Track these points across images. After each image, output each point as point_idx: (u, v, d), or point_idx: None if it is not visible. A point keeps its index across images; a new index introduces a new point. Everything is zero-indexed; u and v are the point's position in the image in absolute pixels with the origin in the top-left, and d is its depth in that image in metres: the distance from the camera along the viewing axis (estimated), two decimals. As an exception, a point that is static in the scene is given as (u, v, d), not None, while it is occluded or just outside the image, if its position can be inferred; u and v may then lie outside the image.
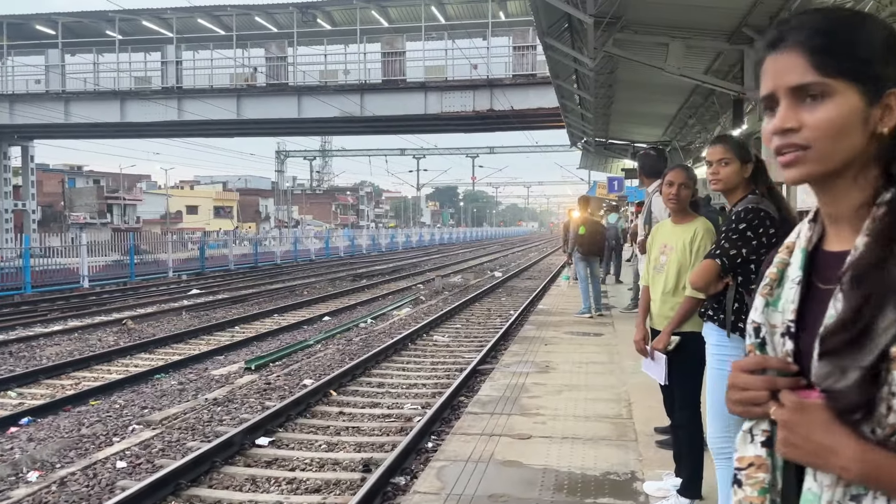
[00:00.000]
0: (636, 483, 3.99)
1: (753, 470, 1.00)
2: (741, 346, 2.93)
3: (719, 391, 2.98)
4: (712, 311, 3.03)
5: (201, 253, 29.77)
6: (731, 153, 3.05)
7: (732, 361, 1.03)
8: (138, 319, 14.80)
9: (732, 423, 2.99)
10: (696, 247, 3.42)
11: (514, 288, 21.70)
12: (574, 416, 5.41)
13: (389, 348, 10.82)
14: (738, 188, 3.07)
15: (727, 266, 2.93)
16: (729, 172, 3.03)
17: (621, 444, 4.66)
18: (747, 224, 2.90)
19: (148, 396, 8.33)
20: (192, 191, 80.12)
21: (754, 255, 2.91)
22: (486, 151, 60.53)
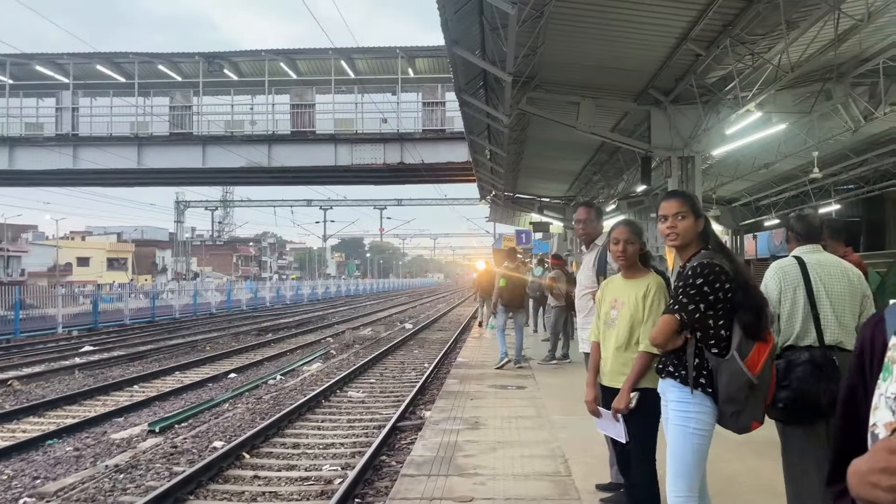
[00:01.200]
0: (588, 545, 3.87)
1: None
2: (704, 402, 2.90)
3: (683, 449, 2.93)
4: (672, 366, 3.00)
5: (94, 307, 28.14)
6: (686, 206, 3.07)
7: (882, 442, 0.91)
8: (25, 380, 13.70)
9: (696, 481, 2.94)
10: (650, 301, 3.40)
11: (426, 340, 21.54)
12: (513, 475, 5.26)
13: (302, 406, 10.42)
14: (691, 244, 3.09)
15: (686, 321, 2.92)
16: (686, 226, 3.05)
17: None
18: (704, 279, 2.90)
19: (40, 465, 7.61)
20: (83, 242, 76.24)
21: (711, 311, 2.91)
22: (395, 203, 60.70)
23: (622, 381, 3.45)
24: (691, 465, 2.91)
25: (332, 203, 60.22)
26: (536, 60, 10.01)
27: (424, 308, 42.52)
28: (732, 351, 2.83)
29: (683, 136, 11.55)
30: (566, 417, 6.88)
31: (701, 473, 2.96)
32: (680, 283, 2.98)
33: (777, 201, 24.09)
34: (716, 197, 22.41)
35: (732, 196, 24.58)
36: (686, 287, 2.92)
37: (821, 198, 21.41)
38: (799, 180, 19.98)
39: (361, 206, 63.18)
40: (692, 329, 2.93)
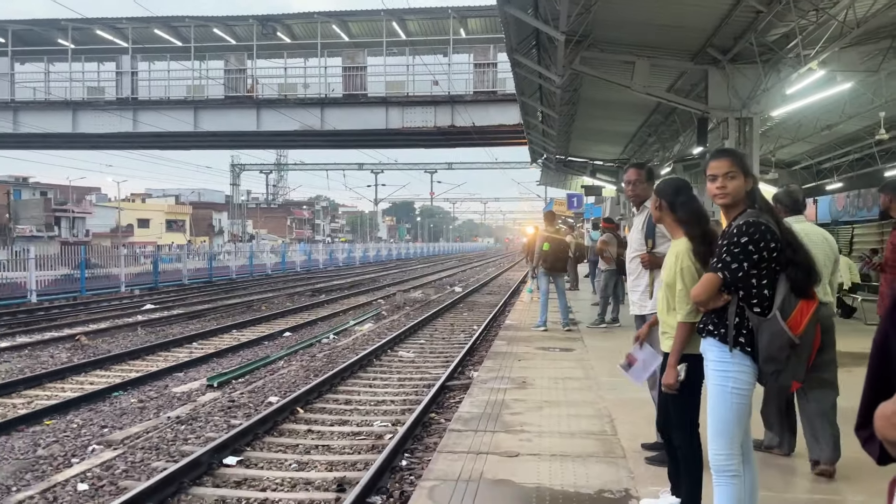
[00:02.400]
0: (631, 501, 3.91)
1: None
2: (744, 362, 2.89)
3: (722, 408, 2.93)
4: (713, 325, 2.99)
5: (155, 267, 29.05)
6: (736, 167, 3.03)
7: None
8: (92, 335, 14.30)
9: (736, 440, 2.94)
10: (679, 266, 3.36)
11: (475, 303, 21.65)
12: (559, 433, 5.33)
13: (354, 364, 10.64)
14: (738, 203, 3.05)
15: (729, 280, 2.90)
16: (736, 186, 3.01)
17: (611, 462, 4.59)
18: (749, 237, 2.88)
19: (107, 415, 8.00)
20: (143, 204, 78.46)
21: (755, 270, 2.88)
22: (445, 167, 60.70)
23: (665, 344, 3.45)
24: (731, 423, 2.91)
25: (384, 167, 60.51)
26: (590, 19, 9.82)
27: (474, 272, 42.64)
28: (774, 310, 2.81)
29: (742, 97, 11.22)
30: (614, 379, 6.87)
31: (741, 432, 2.96)
32: (724, 242, 2.96)
33: (840, 164, 23.24)
34: (775, 160, 21.76)
35: (793, 159, 23.81)
36: (730, 245, 2.90)
37: (887, 160, 20.57)
38: (864, 142, 19.24)
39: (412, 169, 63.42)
40: (734, 288, 2.91)
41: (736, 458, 2.92)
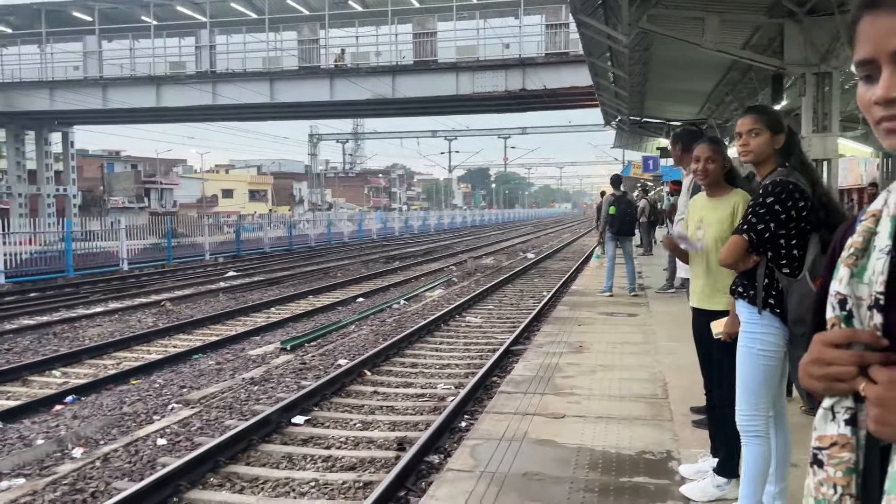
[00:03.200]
0: (671, 462, 3.96)
1: (837, 449, 0.95)
2: (772, 324, 2.87)
3: (749, 369, 2.94)
4: (742, 287, 2.98)
5: (237, 236, 30.12)
6: (760, 123, 2.98)
7: (817, 335, 0.97)
8: (176, 301, 15.05)
9: (763, 402, 2.94)
10: (738, 221, 3.32)
11: (546, 269, 21.62)
12: (608, 396, 5.38)
13: (422, 329, 10.87)
14: (768, 161, 3.00)
15: (755, 242, 2.87)
16: (759, 143, 2.96)
17: (656, 424, 4.63)
18: (775, 198, 2.84)
19: (186, 376, 8.49)
20: (227, 175, 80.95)
21: (783, 230, 2.85)
22: (519, 132, 60.15)
23: (713, 303, 3.45)
24: (758, 384, 2.91)
25: (456, 133, 60.46)
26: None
27: (548, 238, 42.38)
28: (804, 271, 2.77)
29: (820, 51, 10.69)
30: (674, 344, 6.84)
31: (769, 394, 2.96)
32: (751, 203, 2.92)
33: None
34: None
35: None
36: (757, 206, 2.87)
37: None
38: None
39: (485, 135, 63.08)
40: (763, 249, 2.88)
41: (761, 419, 2.93)
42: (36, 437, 6.21)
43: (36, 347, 10.38)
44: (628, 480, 3.73)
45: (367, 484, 4.97)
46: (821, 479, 0.96)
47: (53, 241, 22.65)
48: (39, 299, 15.83)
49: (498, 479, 3.75)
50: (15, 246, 20.36)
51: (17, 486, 5.06)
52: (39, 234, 23.36)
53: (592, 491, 3.59)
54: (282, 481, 5.10)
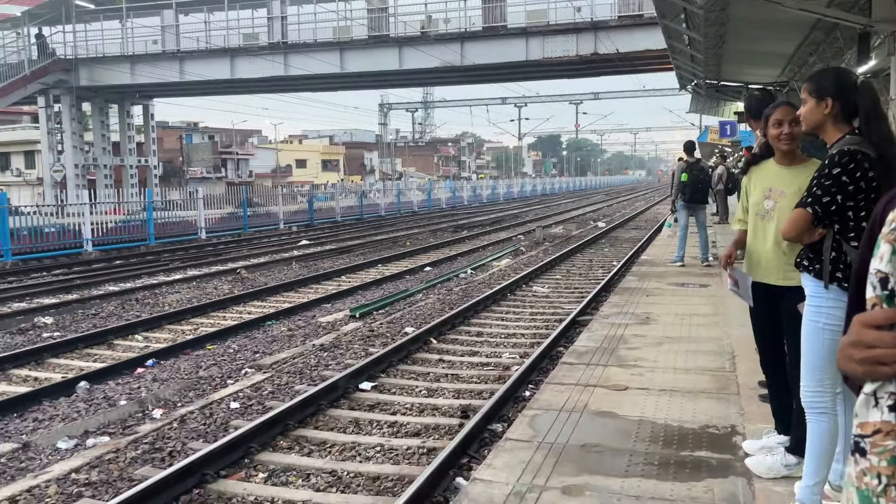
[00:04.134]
0: (736, 437, 3.88)
1: (881, 437, 0.91)
2: (839, 298, 2.76)
3: (814, 344, 2.84)
4: (807, 261, 2.86)
5: (310, 205, 30.73)
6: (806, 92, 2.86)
7: (857, 316, 0.92)
8: (251, 269, 15.52)
9: (828, 378, 2.84)
10: None
11: (617, 238, 21.29)
12: (674, 369, 5.29)
13: (489, 298, 10.90)
14: (827, 128, 2.85)
15: (820, 214, 2.75)
16: (805, 112, 2.86)
17: (722, 398, 4.53)
18: (842, 168, 2.70)
19: (259, 342, 8.78)
20: (300, 145, 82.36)
21: (851, 202, 2.72)
22: (591, 97, 58.87)
23: (782, 278, 3.32)
24: (823, 359, 2.81)
25: (526, 100, 59.67)
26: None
27: (621, 206, 41.63)
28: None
29: (913, 6, 10.04)
30: (745, 316, 6.59)
31: (835, 370, 2.85)
32: (816, 174, 2.79)
33: None
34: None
35: None
36: (821, 178, 2.75)
37: None
38: None
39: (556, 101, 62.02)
40: (829, 221, 2.76)
41: (827, 396, 2.83)
42: (119, 398, 6.56)
43: (120, 313, 10.91)
44: (690, 454, 3.67)
45: (431, 450, 5.06)
46: (863, 468, 0.92)
47: (136, 210, 23.60)
48: (123, 267, 16.59)
49: (556, 449, 3.76)
50: (101, 215, 21.33)
51: (102, 443, 5.37)
52: (123, 204, 24.38)
53: (652, 464, 3.56)
54: (348, 445, 5.25)
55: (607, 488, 3.26)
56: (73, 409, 6.30)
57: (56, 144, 34.40)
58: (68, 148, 33.92)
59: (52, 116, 34.36)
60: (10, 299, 12.14)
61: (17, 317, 10.55)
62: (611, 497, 3.16)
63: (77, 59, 32.94)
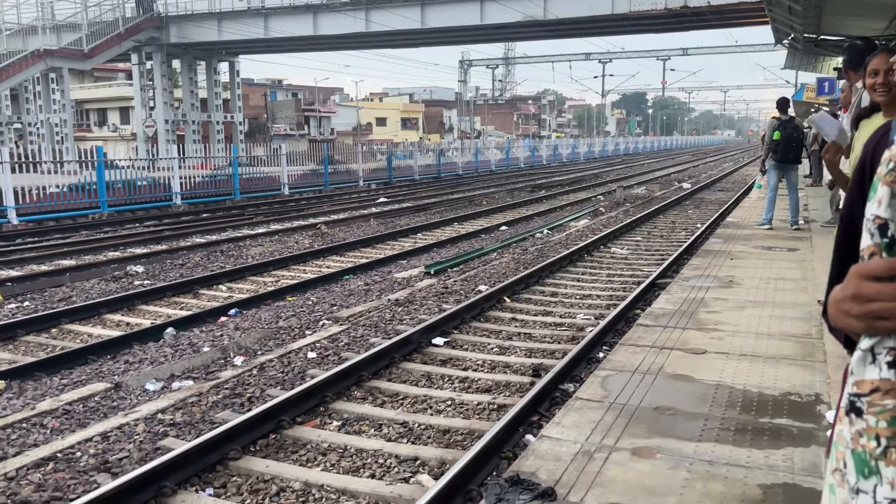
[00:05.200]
0: (820, 406, 3.71)
1: (879, 396, 0.84)
2: None
3: None
4: None
5: (388, 163, 30.95)
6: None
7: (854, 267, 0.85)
8: (331, 224, 15.80)
9: None
10: None
11: (703, 200, 20.62)
12: (756, 334, 5.09)
13: (564, 259, 10.77)
14: None
15: None
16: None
17: (807, 365, 4.33)
18: None
19: (337, 295, 8.95)
20: (380, 103, 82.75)
21: None
22: (679, 53, 56.61)
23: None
24: None
25: (611, 55, 57.95)
26: None
27: (707, 167, 40.23)
28: None
29: None
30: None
31: None
32: None
33: None
34: None
35: None
36: None
37: None
38: None
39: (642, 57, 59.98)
40: None
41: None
42: (203, 345, 6.83)
43: (205, 263, 11.32)
44: (769, 421, 3.54)
45: (501, 406, 5.07)
46: (859, 428, 0.86)
47: (222, 166, 24.33)
48: (210, 220, 17.19)
49: (627, 410, 3.69)
50: (189, 170, 22.09)
51: (187, 387, 5.61)
52: (210, 159, 25.16)
53: (727, 429, 3.44)
54: (420, 398, 5.32)
55: (679, 451, 3.18)
56: (160, 353, 6.60)
57: (148, 101, 35.71)
58: (159, 104, 35.14)
59: (144, 73, 35.62)
60: (106, 248, 12.77)
61: (112, 265, 11.10)
62: (683, 461, 3.08)
63: (167, 17, 33.92)
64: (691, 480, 2.88)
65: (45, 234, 14.88)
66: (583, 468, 3.01)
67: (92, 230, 15.55)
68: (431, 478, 4.00)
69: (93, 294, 9.20)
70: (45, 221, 16.57)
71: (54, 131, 32.01)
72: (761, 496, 2.75)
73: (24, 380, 5.87)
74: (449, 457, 4.21)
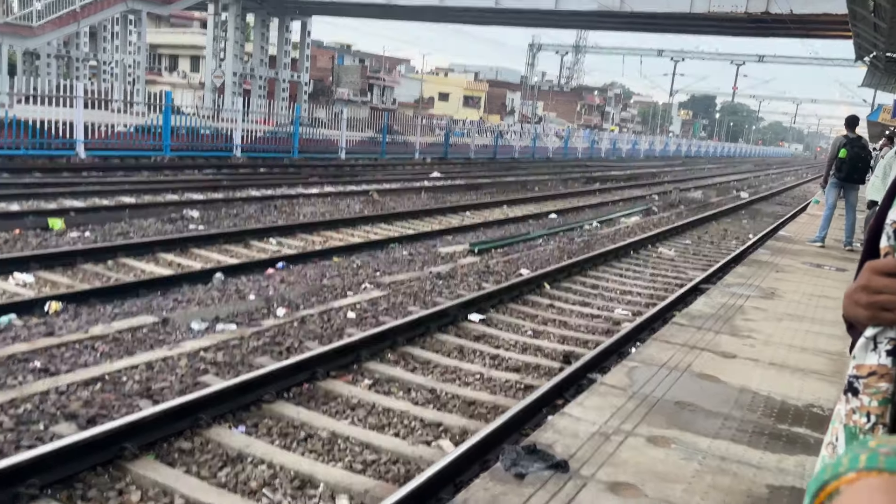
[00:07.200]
0: (841, 422, 3.74)
1: (875, 379, 0.94)
2: None
3: None
4: None
5: (446, 139, 31.05)
6: None
7: (869, 263, 0.95)
8: (382, 193, 16.02)
9: None
10: None
11: (758, 211, 20.27)
12: (789, 346, 5.09)
13: (610, 253, 10.77)
14: None
15: None
16: None
17: (835, 381, 4.35)
18: None
19: (381, 261, 9.15)
20: (445, 78, 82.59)
21: None
22: (755, 59, 55.20)
23: None
24: None
25: (684, 55, 56.76)
26: None
27: (769, 179, 39.35)
28: None
29: None
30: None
31: None
32: None
33: None
34: None
35: None
36: None
37: None
38: None
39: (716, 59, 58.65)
40: None
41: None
42: (249, 293, 7.09)
43: (258, 216, 11.64)
44: (787, 429, 3.59)
45: (528, 387, 5.19)
46: (854, 406, 0.95)
47: (284, 123, 24.74)
48: (266, 175, 17.58)
49: (649, 401, 3.78)
50: (252, 124, 22.53)
51: (229, 330, 5.86)
52: (273, 115, 25.59)
53: (745, 431, 3.50)
54: (450, 368, 5.47)
55: (694, 445, 3.27)
56: (207, 296, 6.88)
57: (219, 52, 36.32)
58: (229, 56, 35.73)
59: (218, 24, 36.20)
60: (165, 191, 13.20)
61: (169, 207, 11.49)
62: (696, 453, 3.17)
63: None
64: (701, 472, 2.97)
65: (110, 171, 15.44)
66: (598, 447, 3.12)
67: (153, 171, 16.07)
68: (452, 444, 4.15)
69: (149, 232, 9.58)
70: (111, 158, 17.17)
71: (127, 72, 32.86)
72: (767, 495, 2.83)
73: (79, 304, 6.20)
74: (471, 427, 4.36)
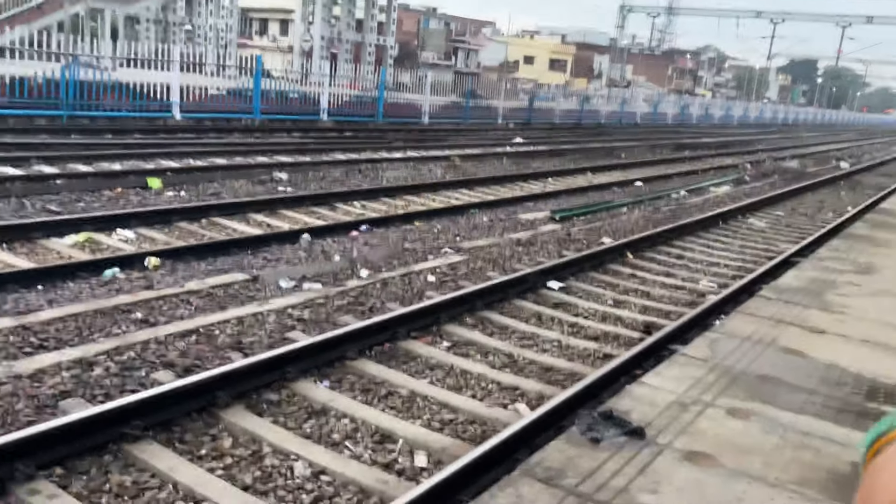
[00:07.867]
0: (937, 404, 3.59)
1: None
2: None
3: None
4: None
5: (530, 104, 30.70)
6: None
7: None
8: (464, 158, 16.05)
9: None
10: None
11: (859, 183, 19.25)
12: (883, 323, 4.88)
13: (697, 223, 10.51)
14: None
15: None
16: None
17: (933, 362, 4.16)
18: None
19: (461, 227, 9.22)
20: (531, 41, 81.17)
21: None
22: (862, 21, 51.78)
23: None
24: None
25: (785, 16, 53.83)
26: None
27: (873, 149, 37.21)
28: None
29: None
30: None
31: None
32: None
33: None
34: None
35: None
36: None
37: None
38: None
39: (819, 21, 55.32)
40: None
41: None
42: (334, 254, 7.30)
43: (344, 179, 11.90)
44: (877, 407, 3.47)
45: (606, 356, 5.17)
46: None
47: (369, 88, 24.98)
48: (352, 139, 17.88)
49: (730, 373, 3.71)
50: (338, 88, 22.86)
51: (315, 289, 6.07)
52: (359, 79, 25.87)
53: (830, 407, 3.41)
54: (528, 334, 5.51)
55: (776, 419, 3.21)
56: (295, 255, 7.12)
57: (308, 15, 36.75)
58: (317, 20, 36.11)
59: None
60: (255, 153, 13.64)
61: (259, 169, 11.87)
62: (777, 427, 3.11)
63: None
64: (781, 446, 2.92)
65: (203, 132, 16.03)
66: (676, 417, 3.11)
67: (244, 134, 16.60)
68: (528, 408, 4.21)
69: (240, 193, 9.95)
70: (204, 120, 17.80)
71: (219, 36, 33.75)
72: (851, 472, 2.76)
73: (175, 260, 6.54)
74: (548, 392, 4.40)
